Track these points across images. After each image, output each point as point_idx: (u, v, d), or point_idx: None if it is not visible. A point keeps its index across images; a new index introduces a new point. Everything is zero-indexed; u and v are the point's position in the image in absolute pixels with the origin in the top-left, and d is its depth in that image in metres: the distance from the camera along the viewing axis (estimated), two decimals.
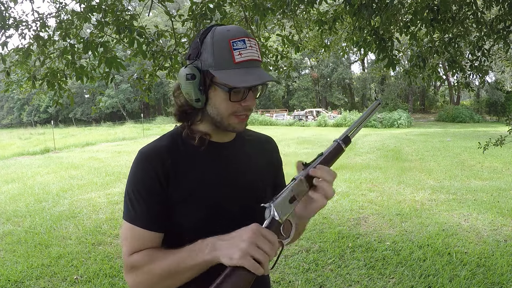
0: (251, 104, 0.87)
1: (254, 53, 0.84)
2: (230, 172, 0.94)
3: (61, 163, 10.07)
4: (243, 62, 0.82)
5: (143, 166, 0.86)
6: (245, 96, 0.85)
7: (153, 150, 0.88)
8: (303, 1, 3.38)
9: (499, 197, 5.33)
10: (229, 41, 0.81)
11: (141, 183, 0.85)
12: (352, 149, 11.42)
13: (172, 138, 0.93)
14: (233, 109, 0.86)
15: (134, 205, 0.85)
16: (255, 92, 0.89)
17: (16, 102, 44.32)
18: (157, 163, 0.86)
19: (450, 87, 26.86)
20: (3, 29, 3.08)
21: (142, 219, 0.84)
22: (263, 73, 0.84)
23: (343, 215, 4.64)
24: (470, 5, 3.36)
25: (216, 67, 0.82)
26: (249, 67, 0.82)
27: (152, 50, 3.33)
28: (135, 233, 0.84)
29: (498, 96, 27.13)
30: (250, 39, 0.84)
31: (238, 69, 0.81)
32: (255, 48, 0.84)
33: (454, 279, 2.96)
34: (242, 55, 0.81)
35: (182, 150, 0.91)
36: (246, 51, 0.82)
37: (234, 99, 0.85)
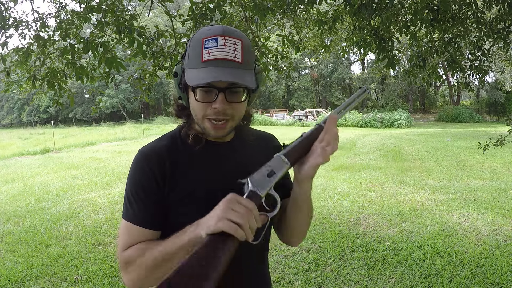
0: (220, 108, 0.80)
1: (228, 52, 0.78)
2: (229, 172, 0.92)
3: (61, 163, 10.07)
4: (210, 61, 0.78)
5: (141, 166, 0.87)
6: (215, 98, 0.80)
7: (152, 150, 0.89)
8: (303, 1, 3.38)
9: (499, 197, 5.33)
10: (202, 40, 0.79)
11: (139, 182, 0.86)
12: (352, 149, 11.42)
13: (172, 138, 0.93)
14: (203, 111, 0.83)
15: (132, 204, 0.86)
16: (233, 95, 0.82)
17: (16, 102, 44.32)
18: (155, 163, 0.86)
19: (450, 87, 26.86)
20: (3, 29, 3.09)
21: (138, 217, 0.85)
22: (231, 72, 0.78)
23: (343, 215, 4.64)
24: (470, 5, 3.36)
25: (189, 66, 0.82)
26: (217, 66, 0.78)
27: (152, 50, 3.34)
28: (131, 230, 0.85)
29: (498, 96, 27.13)
30: (227, 37, 0.79)
31: (204, 68, 0.78)
32: (232, 47, 0.79)
33: (454, 279, 2.96)
34: (211, 54, 0.78)
35: (182, 150, 0.91)
36: (217, 49, 0.78)
37: (201, 99, 0.82)
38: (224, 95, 0.80)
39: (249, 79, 0.81)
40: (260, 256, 1.01)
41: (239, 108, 0.85)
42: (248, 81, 0.80)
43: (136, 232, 0.84)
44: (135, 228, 0.85)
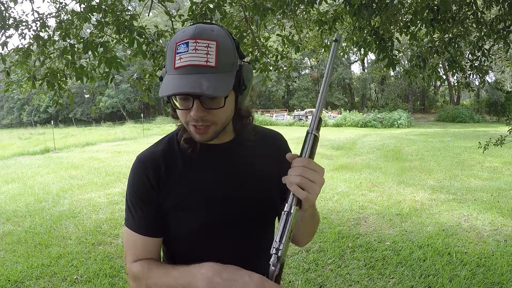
0: (195, 116, 0.77)
1: (199, 57, 0.73)
2: (225, 174, 0.91)
3: (61, 163, 10.07)
4: (180, 68, 0.74)
5: (138, 174, 0.87)
6: (191, 106, 0.77)
7: (148, 157, 0.88)
8: (303, 1, 3.38)
9: (499, 197, 5.33)
10: (175, 44, 0.75)
11: (137, 190, 0.87)
12: (352, 149, 11.42)
13: (169, 141, 0.92)
14: (185, 118, 0.81)
15: (132, 212, 0.87)
16: (210, 101, 0.78)
17: (16, 102, 44.33)
18: (151, 169, 0.86)
19: (450, 87, 26.87)
20: (3, 29, 3.08)
21: (139, 226, 0.86)
22: (201, 81, 0.73)
23: (343, 215, 4.64)
24: (470, 5, 3.36)
25: (167, 72, 0.79)
26: (186, 73, 0.74)
27: (152, 50, 3.34)
28: (134, 239, 0.86)
29: (498, 96, 27.14)
30: (198, 40, 0.73)
31: (175, 75, 0.75)
32: (204, 51, 0.74)
33: (454, 279, 2.96)
34: (182, 59, 0.74)
35: (178, 153, 0.90)
36: (187, 55, 0.73)
37: (180, 107, 0.80)
38: (200, 102, 0.76)
39: (221, 85, 0.74)
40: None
41: (219, 114, 0.80)
42: (220, 88, 0.74)
43: (139, 241, 0.86)
44: (138, 237, 0.86)
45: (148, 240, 0.86)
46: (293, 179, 0.72)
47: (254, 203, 0.91)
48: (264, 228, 0.95)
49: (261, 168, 0.95)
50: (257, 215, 0.93)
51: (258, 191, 0.93)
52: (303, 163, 0.74)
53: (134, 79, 3.73)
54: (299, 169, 0.73)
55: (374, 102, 35.76)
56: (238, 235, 0.91)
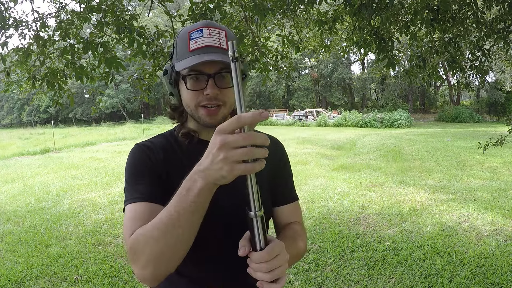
0: (211, 93, 0.82)
1: (214, 40, 0.81)
2: None
3: (61, 163, 10.07)
4: (197, 49, 0.81)
5: (139, 155, 0.90)
6: (206, 85, 0.82)
7: (148, 144, 0.93)
8: (303, 1, 3.38)
9: (499, 197, 5.33)
10: (188, 33, 0.83)
11: (138, 166, 0.88)
12: (352, 149, 11.43)
13: (166, 137, 0.96)
14: (196, 99, 0.84)
15: (132, 187, 0.85)
16: (222, 80, 0.84)
17: (16, 102, 44.33)
18: (151, 153, 0.90)
19: (450, 87, 26.86)
20: (3, 29, 3.08)
21: (144, 194, 0.82)
22: (218, 56, 0.79)
23: (343, 215, 4.64)
24: (470, 5, 3.36)
25: (177, 59, 0.84)
26: (203, 53, 0.80)
27: (152, 50, 3.34)
28: (135, 210, 0.80)
29: (498, 96, 27.15)
30: (211, 28, 0.82)
31: (191, 56, 0.81)
32: (216, 36, 0.82)
33: (454, 279, 2.96)
34: (197, 43, 0.81)
35: (175, 148, 0.93)
36: (202, 39, 0.81)
37: (192, 87, 0.83)
38: (213, 81, 0.82)
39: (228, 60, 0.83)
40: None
41: (229, 93, 0.86)
42: (223, 60, 0.80)
43: (140, 209, 0.79)
44: (138, 207, 0.80)
45: (148, 207, 0.79)
46: (263, 277, 0.68)
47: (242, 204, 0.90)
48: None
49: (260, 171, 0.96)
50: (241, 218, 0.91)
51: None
52: (263, 258, 0.67)
53: (134, 79, 3.73)
54: (263, 267, 0.67)
55: (374, 102, 35.77)
56: (231, 228, 0.87)
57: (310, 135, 16.29)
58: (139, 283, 3.07)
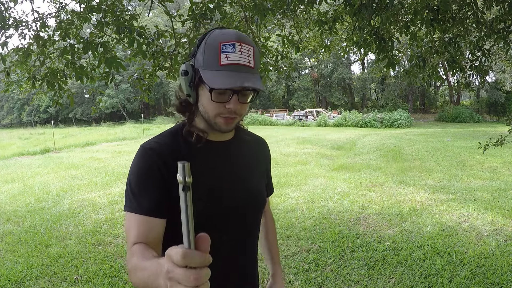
0: (234, 108, 0.87)
1: (244, 58, 0.83)
2: (229, 171, 0.98)
3: (61, 163, 10.07)
4: (228, 65, 0.82)
5: (146, 160, 0.88)
6: (229, 99, 0.86)
7: (155, 147, 0.91)
8: (303, 1, 3.38)
9: (499, 197, 5.33)
10: (219, 44, 0.83)
11: (144, 173, 0.87)
12: (352, 149, 11.43)
13: (173, 136, 0.95)
14: (217, 110, 0.88)
15: (136, 195, 0.86)
16: (243, 96, 0.88)
17: (16, 102, 44.34)
18: (159, 158, 0.88)
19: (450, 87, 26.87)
20: (3, 29, 3.08)
21: (143, 206, 0.85)
22: (248, 79, 0.83)
23: (343, 215, 4.64)
24: (470, 5, 3.36)
25: (204, 67, 0.85)
26: (234, 70, 0.82)
27: (152, 50, 3.34)
28: (137, 221, 0.84)
29: (498, 96, 27.15)
30: (243, 44, 0.84)
31: (222, 71, 0.82)
32: (246, 53, 0.84)
33: (454, 279, 2.96)
34: (229, 59, 0.82)
35: (183, 148, 0.93)
36: (234, 55, 0.82)
37: (216, 100, 0.86)
38: (237, 97, 0.86)
39: (259, 83, 0.86)
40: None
41: (246, 107, 0.92)
42: (260, 85, 0.85)
43: (143, 222, 0.84)
44: (141, 218, 0.84)
45: (150, 221, 0.84)
46: None
47: (251, 196, 1.01)
48: (257, 219, 1.06)
49: (255, 166, 1.08)
50: (253, 207, 1.02)
51: (255, 185, 1.04)
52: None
53: (134, 79, 3.73)
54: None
55: (374, 102, 35.76)
56: (236, 224, 0.97)
57: (310, 135, 16.29)
58: None
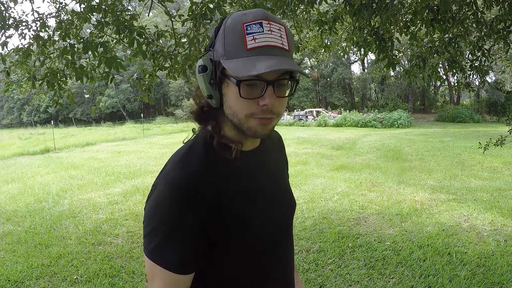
0: (271, 104, 0.68)
1: (275, 38, 0.67)
2: (265, 184, 0.84)
3: (61, 163, 10.07)
4: (257, 49, 0.66)
5: (173, 204, 0.70)
6: (263, 93, 0.68)
7: (183, 184, 0.70)
8: (303, 1, 3.38)
9: (499, 197, 5.33)
10: (243, 25, 0.67)
11: (171, 223, 0.69)
12: (352, 149, 11.43)
13: (200, 156, 0.75)
14: (249, 109, 0.69)
15: (160, 244, 0.70)
16: (280, 89, 0.70)
17: (16, 102, 44.35)
18: (191, 200, 0.70)
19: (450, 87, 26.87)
20: (3, 29, 3.09)
21: (169, 262, 0.70)
22: (285, 61, 0.66)
23: (343, 215, 4.64)
24: (470, 5, 3.36)
25: (227, 56, 0.68)
26: (265, 54, 0.66)
27: (152, 50, 3.34)
28: (161, 274, 0.71)
29: (498, 96, 27.14)
30: (271, 22, 0.68)
31: (250, 57, 0.66)
32: (277, 33, 0.68)
33: (454, 279, 2.96)
34: (257, 40, 0.66)
35: (216, 171, 0.75)
36: (263, 35, 0.66)
37: (246, 96, 0.68)
38: (273, 89, 0.68)
39: (296, 65, 0.69)
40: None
41: (284, 103, 0.73)
42: (298, 68, 0.68)
43: (168, 276, 0.71)
44: (166, 273, 0.71)
45: (175, 277, 0.71)
46: None
47: (290, 209, 0.92)
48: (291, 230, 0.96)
49: (283, 172, 0.96)
50: (291, 219, 0.94)
51: (290, 193, 0.94)
52: None
53: (134, 79, 3.73)
54: None
55: (374, 102, 35.76)
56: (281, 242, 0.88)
57: (310, 135, 16.29)
58: (139, 283, 3.07)
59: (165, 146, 13.58)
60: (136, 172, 8.10)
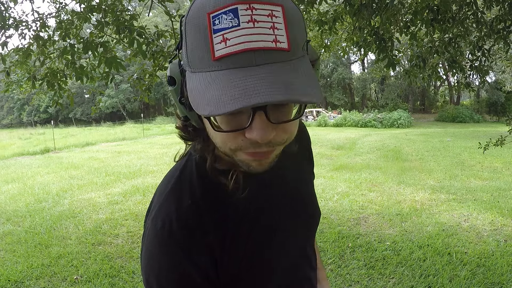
0: (262, 137, 0.46)
1: (261, 34, 0.41)
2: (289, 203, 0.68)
3: (61, 163, 10.07)
4: (228, 57, 0.42)
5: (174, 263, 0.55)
6: (249, 122, 0.46)
7: (180, 230, 0.55)
8: (303, 1, 3.38)
9: (499, 197, 5.33)
10: (208, 17, 0.42)
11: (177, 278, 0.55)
12: (352, 149, 11.43)
13: (191, 188, 0.59)
14: (233, 143, 0.50)
15: None
16: (278, 110, 0.48)
17: (16, 102, 44.35)
18: (194, 249, 0.55)
19: (450, 87, 26.88)
20: (3, 29, 3.09)
21: None
22: (279, 76, 0.41)
23: (343, 215, 4.64)
24: (470, 5, 3.36)
25: (191, 67, 0.46)
26: (242, 65, 0.42)
27: (152, 50, 3.34)
28: None
29: (498, 96, 27.14)
30: (253, 3, 0.42)
31: (218, 72, 0.42)
32: (266, 23, 0.42)
33: (454, 279, 2.96)
34: (228, 42, 0.41)
35: (218, 204, 0.59)
36: (238, 32, 0.41)
37: (224, 127, 0.48)
38: (265, 115, 0.45)
39: (309, 81, 0.44)
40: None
41: (291, 128, 0.51)
42: (313, 86, 0.43)
43: None
44: None
45: None
46: None
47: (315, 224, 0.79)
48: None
49: (308, 181, 0.78)
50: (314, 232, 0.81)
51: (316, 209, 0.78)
52: None
53: (134, 79, 3.73)
54: None
55: (374, 102, 35.77)
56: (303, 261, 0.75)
57: (310, 135, 16.24)
58: (139, 283, 3.07)
59: (165, 146, 13.58)
60: (136, 172, 8.10)
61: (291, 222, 0.68)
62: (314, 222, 0.77)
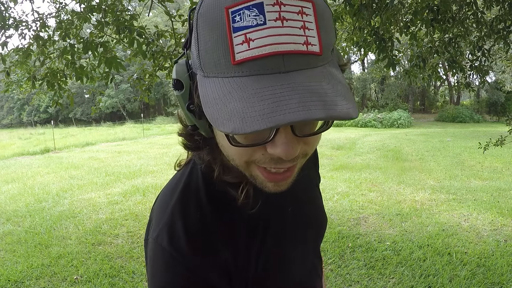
0: (286, 153, 0.41)
1: (287, 35, 0.36)
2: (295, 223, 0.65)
3: (61, 163, 10.07)
4: (252, 61, 0.36)
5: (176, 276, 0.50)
6: (272, 136, 0.41)
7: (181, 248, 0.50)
8: None
9: (499, 197, 5.33)
10: (226, 11, 0.36)
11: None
12: (352, 149, 11.42)
13: (197, 201, 0.54)
14: (248, 156, 0.45)
15: None
16: (303, 125, 0.43)
17: (16, 102, 44.35)
18: (204, 265, 0.51)
19: (450, 87, 26.88)
20: (3, 29, 3.09)
21: None
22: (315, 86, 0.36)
23: (343, 215, 4.64)
24: (470, 5, 3.37)
25: (204, 70, 0.41)
26: (269, 72, 0.36)
27: (152, 50, 3.34)
28: None
29: (498, 96, 27.14)
30: (281, 0, 0.36)
31: (240, 79, 0.37)
32: (297, 22, 0.36)
33: (454, 279, 2.96)
34: (252, 43, 0.36)
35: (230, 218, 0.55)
36: (265, 31, 0.35)
37: (243, 141, 0.43)
38: (291, 128, 0.41)
39: (341, 91, 0.38)
40: None
41: (314, 142, 0.47)
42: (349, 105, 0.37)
43: None
44: None
45: None
46: None
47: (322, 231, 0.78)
48: None
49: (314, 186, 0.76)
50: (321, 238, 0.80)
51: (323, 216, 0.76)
52: None
53: (134, 79, 3.74)
54: None
55: (374, 102, 35.76)
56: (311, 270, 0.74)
57: None
58: (139, 283, 3.07)
59: (165, 146, 13.58)
60: (136, 172, 8.10)
61: (300, 232, 0.65)
62: (322, 229, 0.75)
